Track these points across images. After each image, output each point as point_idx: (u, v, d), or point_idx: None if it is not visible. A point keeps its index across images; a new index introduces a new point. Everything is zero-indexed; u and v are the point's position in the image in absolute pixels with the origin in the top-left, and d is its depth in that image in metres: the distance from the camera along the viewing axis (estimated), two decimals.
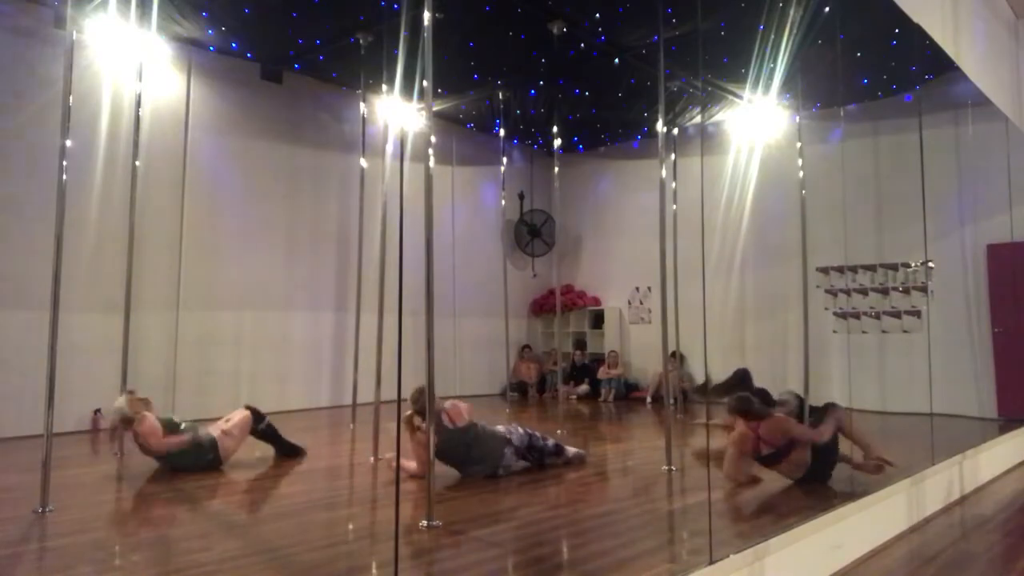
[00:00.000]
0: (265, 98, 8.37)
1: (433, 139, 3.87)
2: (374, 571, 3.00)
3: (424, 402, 4.28)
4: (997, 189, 7.69)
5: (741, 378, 6.80)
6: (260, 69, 8.30)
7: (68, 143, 4.02)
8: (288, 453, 5.34)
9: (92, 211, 6.67)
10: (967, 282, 8.11)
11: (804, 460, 4.33)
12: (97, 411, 6.68)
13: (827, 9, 6.00)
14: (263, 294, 8.20)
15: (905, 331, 8.26)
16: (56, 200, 3.94)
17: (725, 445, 4.44)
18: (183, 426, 4.90)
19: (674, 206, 8.28)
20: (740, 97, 8.40)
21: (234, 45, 7.68)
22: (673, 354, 8.32)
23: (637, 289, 10.80)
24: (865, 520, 3.91)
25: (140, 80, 6.38)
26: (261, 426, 5.23)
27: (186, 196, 7.63)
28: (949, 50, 5.70)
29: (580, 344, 10.89)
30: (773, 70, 6.51)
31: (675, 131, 9.50)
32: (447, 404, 4.63)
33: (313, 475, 4.97)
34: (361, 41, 7.06)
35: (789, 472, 4.36)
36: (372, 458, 5.22)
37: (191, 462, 4.79)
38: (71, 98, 4.04)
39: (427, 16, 3.69)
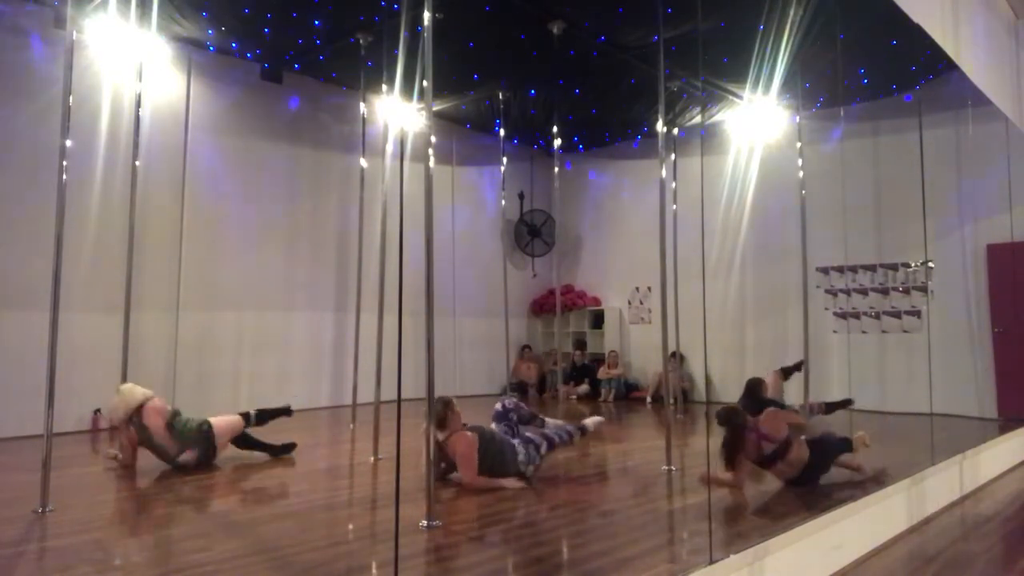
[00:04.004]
0: (265, 98, 8.37)
1: (433, 139, 3.88)
2: (374, 571, 3.00)
3: (439, 417, 4.29)
4: (997, 189, 7.69)
5: (749, 389, 6.82)
6: (260, 69, 8.30)
7: (68, 143, 4.02)
8: (278, 454, 5.34)
9: (92, 211, 6.67)
10: (967, 282, 8.11)
11: (802, 457, 4.34)
12: (97, 411, 6.68)
13: (827, 9, 6.01)
14: (263, 294, 8.20)
15: (905, 331, 8.27)
16: (56, 200, 3.95)
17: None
18: (185, 420, 4.96)
19: (674, 206, 8.28)
20: (740, 97, 8.40)
21: (234, 45, 7.68)
22: (673, 354, 8.32)
23: (637, 289, 10.80)
24: (865, 520, 3.91)
25: (140, 80, 6.39)
26: (245, 430, 5.24)
27: (186, 196, 7.63)
28: (949, 50, 5.70)
29: (580, 344, 10.89)
30: (773, 70, 6.52)
31: (675, 131, 9.50)
32: (453, 437, 4.42)
33: (313, 475, 4.97)
34: (361, 41, 7.06)
35: (787, 470, 4.35)
36: (372, 458, 5.22)
37: (191, 441, 4.88)
38: (71, 98, 4.04)
39: (427, 16, 3.69)
